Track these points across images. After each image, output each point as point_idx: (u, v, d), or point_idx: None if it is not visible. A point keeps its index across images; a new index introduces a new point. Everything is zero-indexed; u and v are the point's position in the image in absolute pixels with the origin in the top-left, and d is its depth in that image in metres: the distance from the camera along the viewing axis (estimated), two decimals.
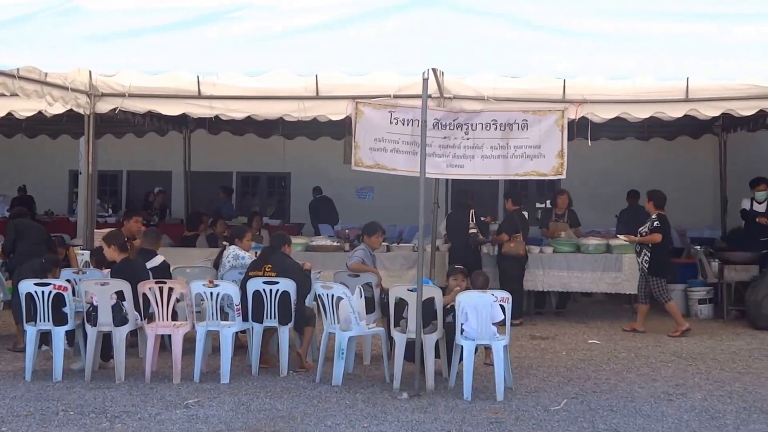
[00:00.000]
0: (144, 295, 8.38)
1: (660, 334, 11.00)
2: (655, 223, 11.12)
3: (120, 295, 8.30)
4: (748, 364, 9.23)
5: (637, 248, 11.40)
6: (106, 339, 8.49)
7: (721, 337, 10.86)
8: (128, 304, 8.31)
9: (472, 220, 11.85)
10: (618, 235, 12.00)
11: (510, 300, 7.80)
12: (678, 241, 15.75)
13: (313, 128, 13.70)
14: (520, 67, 7.64)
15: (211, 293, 8.34)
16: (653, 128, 14.31)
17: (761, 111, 11.39)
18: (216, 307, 8.37)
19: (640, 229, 11.31)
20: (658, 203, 11.27)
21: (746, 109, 11.21)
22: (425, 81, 7.70)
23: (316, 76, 10.50)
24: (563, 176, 10.93)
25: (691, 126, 14.01)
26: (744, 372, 8.81)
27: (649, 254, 11.13)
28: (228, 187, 18.88)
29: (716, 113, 11.32)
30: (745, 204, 13.11)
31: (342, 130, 12.27)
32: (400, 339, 7.98)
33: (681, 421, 6.96)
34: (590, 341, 10.45)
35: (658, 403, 7.50)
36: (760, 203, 12.96)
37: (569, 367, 9.01)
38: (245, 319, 8.51)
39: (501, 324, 7.85)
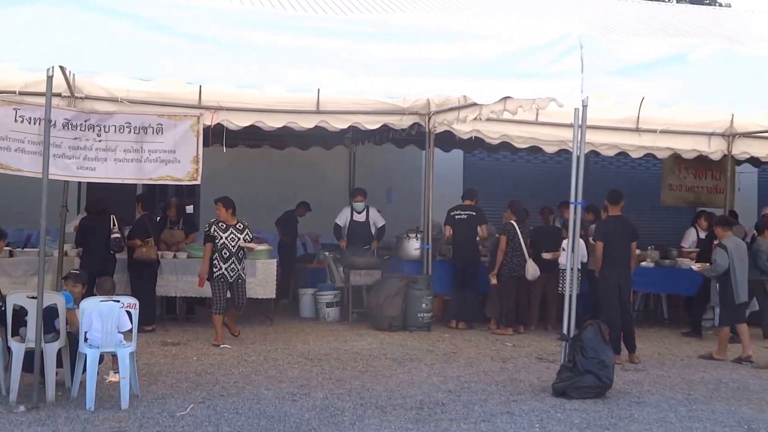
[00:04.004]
0: None
1: (288, 335, 11.41)
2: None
3: None
4: (367, 363, 9.82)
5: (240, 254, 11.31)
6: None
7: (346, 338, 11.46)
8: None
9: (114, 225, 11.43)
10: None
11: (137, 306, 7.68)
12: (312, 246, 16.46)
13: None
14: (151, 70, 7.62)
15: None
16: (288, 137, 14.76)
17: (385, 125, 12.25)
18: None
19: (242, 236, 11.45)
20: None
21: (372, 123, 12.08)
22: (50, 78, 7.36)
23: None
24: (198, 182, 11.01)
25: (323, 137, 14.62)
26: (364, 371, 9.36)
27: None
28: None
29: (344, 125, 12.01)
30: (346, 213, 13.78)
31: None
32: (17, 349, 7.53)
33: (302, 420, 7.23)
34: (222, 346, 10.53)
35: (282, 404, 7.74)
36: (359, 213, 13.75)
37: (199, 372, 9.03)
38: None
39: (129, 332, 7.71)
